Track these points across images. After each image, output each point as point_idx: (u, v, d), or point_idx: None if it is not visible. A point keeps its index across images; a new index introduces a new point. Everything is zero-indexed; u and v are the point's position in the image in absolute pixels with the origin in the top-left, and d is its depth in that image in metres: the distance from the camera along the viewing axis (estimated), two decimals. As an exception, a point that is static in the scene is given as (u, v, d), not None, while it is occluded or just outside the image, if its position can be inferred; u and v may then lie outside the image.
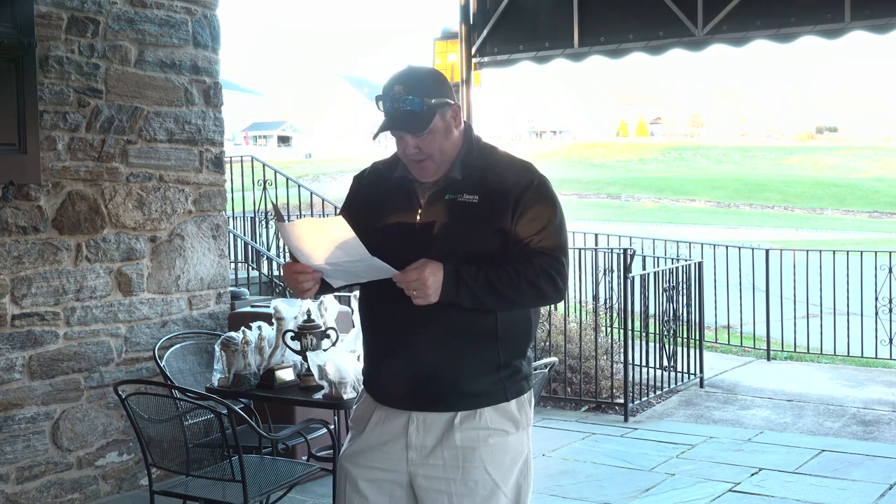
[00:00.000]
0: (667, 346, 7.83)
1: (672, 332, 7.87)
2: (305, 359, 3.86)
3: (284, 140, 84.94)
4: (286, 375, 4.02)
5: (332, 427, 4.04)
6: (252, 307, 5.74)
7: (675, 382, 7.75)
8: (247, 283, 7.44)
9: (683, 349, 7.89)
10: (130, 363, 5.22)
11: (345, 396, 3.68)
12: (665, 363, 7.78)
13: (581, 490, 5.24)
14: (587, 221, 21.42)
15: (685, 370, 7.89)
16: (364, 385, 2.63)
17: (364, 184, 2.65)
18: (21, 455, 4.74)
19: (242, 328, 4.09)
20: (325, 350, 3.86)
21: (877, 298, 8.93)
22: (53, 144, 4.83)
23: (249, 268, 8.15)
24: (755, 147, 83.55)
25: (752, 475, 5.48)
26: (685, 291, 7.99)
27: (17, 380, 4.72)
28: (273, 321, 4.06)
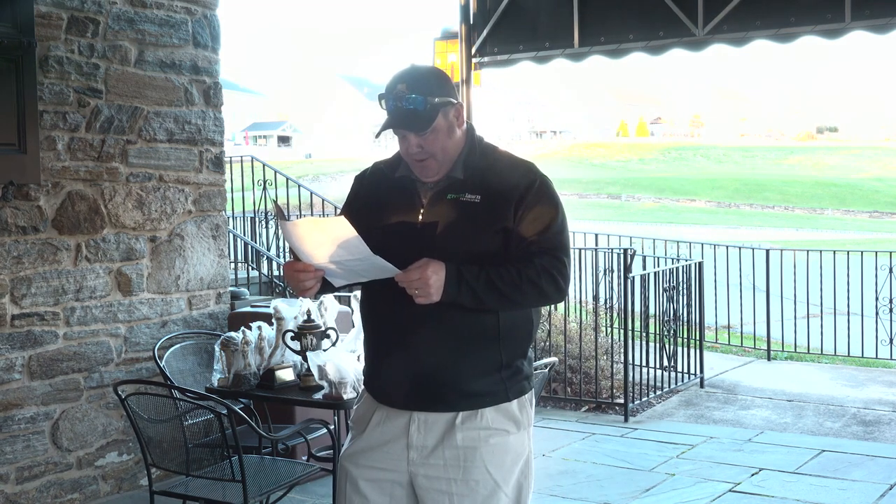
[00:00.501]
0: (667, 346, 7.83)
1: (672, 332, 7.87)
2: (305, 359, 3.85)
3: (284, 140, 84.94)
4: (286, 375, 4.02)
5: (332, 427, 4.04)
6: (252, 307, 5.74)
7: (676, 382, 7.75)
8: (247, 283, 7.44)
9: (683, 349, 7.89)
10: (130, 363, 5.22)
11: (345, 396, 3.68)
12: (665, 363, 7.78)
13: (581, 490, 5.23)
14: (587, 221, 21.42)
15: (685, 370, 7.89)
16: (365, 385, 2.63)
17: (365, 183, 2.64)
18: (21, 455, 4.74)
19: (242, 328, 4.09)
20: (325, 350, 3.86)
21: (877, 298, 8.93)
22: (53, 144, 4.82)
23: (249, 268, 8.15)
24: (755, 147, 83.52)
25: (753, 475, 5.48)
26: (685, 291, 7.99)
27: (17, 380, 4.72)
28: (273, 321, 4.06)
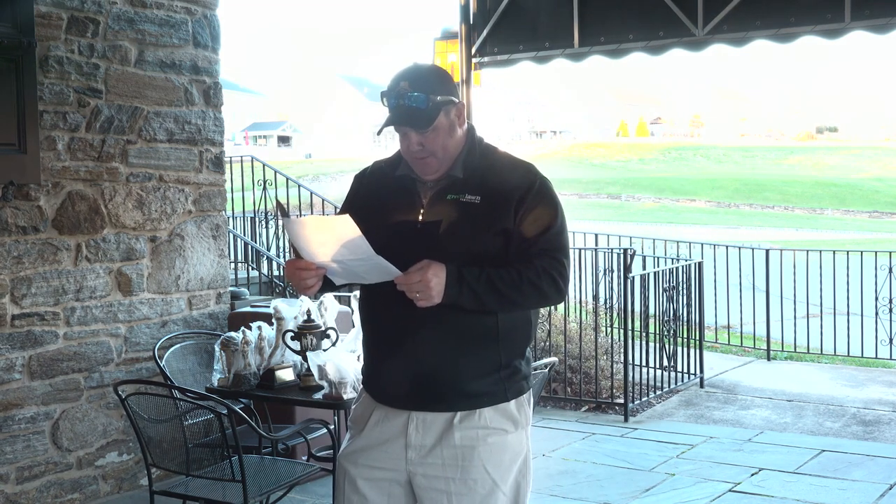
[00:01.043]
0: (667, 346, 7.83)
1: (672, 332, 7.87)
2: (305, 359, 3.85)
3: (284, 140, 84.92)
4: (286, 375, 4.02)
5: (332, 427, 4.04)
6: (252, 307, 5.74)
7: (676, 382, 7.75)
8: (247, 283, 7.44)
9: (683, 349, 7.89)
10: (130, 363, 5.22)
11: (345, 396, 3.68)
12: (665, 363, 7.78)
13: (581, 490, 5.23)
14: (587, 221, 21.40)
15: (685, 370, 7.89)
16: (363, 384, 2.63)
17: (366, 183, 2.64)
18: (21, 455, 4.74)
19: (242, 328, 4.09)
20: (325, 350, 3.86)
21: (877, 298, 8.94)
22: (53, 144, 4.82)
23: (249, 268, 8.15)
24: (755, 147, 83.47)
25: (753, 475, 5.48)
26: (685, 291, 7.99)
27: (17, 380, 4.72)
28: (273, 321, 4.06)
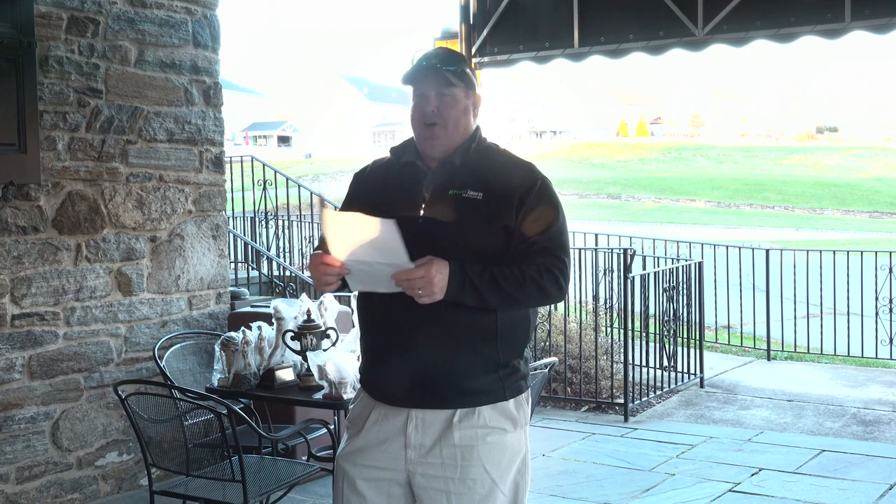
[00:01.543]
0: (667, 346, 7.83)
1: (672, 332, 7.87)
2: (305, 359, 3.86)
3: (284, 140, 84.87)
4: (286, 375, 4.02)
5: (332, 427, 4.04)
6: (252, 307, 5.74)
7: (675, 382, 7.75)
8: (247, 283, 7.44)
9: (683, 349, 7.89)
10: (130, 363, 5.22)
11: (345, 396, 3.68)
12: (665, 363, 7.79)
13: (581, 490, 5.23)
14: (587, 221, 21.41)
15: (685, 370, 7.89)
16: (362, 383, 2.63)
17: (366, 180, 2.65)
18: (21, 455, 4.74)
19: (242, 328, 4.09)
20: (325, 350, 3.86)
21: (877, 298, 8.94)
22: (53, 144, 4.82)
23: (249, 268, 8.15)
24: (755, 147, 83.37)
25: (752, 475, 5.48)
26: (685, 291, 8.00)
27: (17, 380, 4.72)
28: (273, 321, 4.06)
